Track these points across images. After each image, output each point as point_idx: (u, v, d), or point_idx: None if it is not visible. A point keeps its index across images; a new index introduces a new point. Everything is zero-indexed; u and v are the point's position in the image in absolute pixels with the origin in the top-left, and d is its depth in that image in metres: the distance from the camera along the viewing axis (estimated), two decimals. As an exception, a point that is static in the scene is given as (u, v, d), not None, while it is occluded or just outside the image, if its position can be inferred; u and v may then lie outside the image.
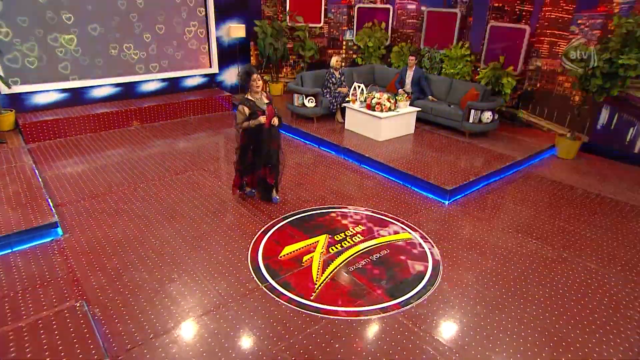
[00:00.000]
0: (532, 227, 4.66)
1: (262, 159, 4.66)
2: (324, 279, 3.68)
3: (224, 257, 3.93)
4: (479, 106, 7.01)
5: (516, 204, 5.22)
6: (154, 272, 3.66)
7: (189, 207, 4.83)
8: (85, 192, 5.11)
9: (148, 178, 5.56)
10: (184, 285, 3.51)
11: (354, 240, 4.32)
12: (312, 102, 7.67)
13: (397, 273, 3.82)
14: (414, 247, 4.23)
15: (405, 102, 7.23)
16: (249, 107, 4.40)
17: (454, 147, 6.74)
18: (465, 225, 4.69)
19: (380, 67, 9.17)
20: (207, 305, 3.30)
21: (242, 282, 3.59)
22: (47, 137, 6.79)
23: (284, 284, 3.61)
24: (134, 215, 4.60)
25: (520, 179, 5.99)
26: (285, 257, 3.99)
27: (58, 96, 7.32)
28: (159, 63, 8.41)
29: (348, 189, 5.47)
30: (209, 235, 4.29)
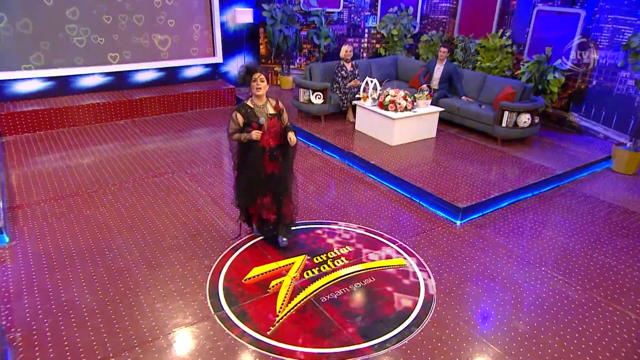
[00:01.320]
0: (562, 260, 4.27)
1: (258, 185, 3.98)
2: (289, 311, 3.49)
3: (181, 278, 3.82)
4: (514, 107, 6.59)
5: (547, 228, 4.83)
6: (97, 292, 3.59)
7: (157, 216, 4.77)
8: (49, 193, 5.16)
9: (122, 180, 5.56)
10: (127, 309, 3.42)
11: (336, 264, 4.10)
12: (319, 99, 7.49)
13: (378, 308, 3.57)
14: (406, 277, 3.96)
15: (425, 101, 6.91)
16: (244, 115, 3.77)
17: (481, 155, 6.37)
18: (476, 252, 4.36)
19: (405, 59, 8.86)
20: (146, 334, 3.18)
21: (193, 309, 3.46)
22: (26, 129, 6.96)
23: (240, 313, 3.45)
24: (94, 223, 4.58)
25: (559, 198, 5.56)
26: (250, 280, 3.83)
27: (41, 85, 7.50)
28: (156, 51, 8.46)
29: (344, 201, 5.26)
30: (172, 250, 4.19)
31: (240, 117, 3.77)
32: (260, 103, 3.81)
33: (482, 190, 5.31)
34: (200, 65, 9.10)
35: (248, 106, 3.80)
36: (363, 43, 10.08)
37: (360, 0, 9.80)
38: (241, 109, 3.79)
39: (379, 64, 8.66)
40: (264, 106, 3.82)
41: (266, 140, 3.84)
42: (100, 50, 7.84)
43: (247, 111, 3.78)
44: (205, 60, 9.12)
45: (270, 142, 3.87)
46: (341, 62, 7.59)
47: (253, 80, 3.72)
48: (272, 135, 3.85)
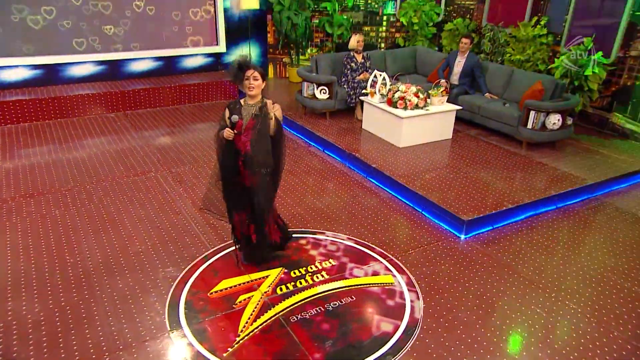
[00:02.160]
0: (579, 286, 4.02)
1: (232, 198, 3.80)
2: (252, 330, 3.41)
3: (142, 288, 3.79)
4: (542, 106, 6.32)
5: (567, 247, 4.58)
6: (47, 301, 3.60)
7: (130, 218, 4.77)
8: (20, 190, 5.24)
9: (101, 177, 5.60)
10: (76, 323, 3.40)
11: (315, 279, 3.99)
12: (324, 94, 7.39)
13: (352, 331, 3.44)
14: (392, 297, 3.82)
15: (441, 98, 6.71)
16: (231, 110, 3.62)
17: (500, 161, 6.14)
18: (477, 272, 4.17)
19: (425, 51, 8.66)
20: (90, 352, 3.15)
21: (148, 324, 3.42)
22: (9, 121, 7.13)
23: (198, 331, 3.38)
24: (61, 224, 4.62)
25: (587, 212, 5.29)
26: (217, 294, 3.77)
27: (29, 73, 7.66)
28: (153, 38, 8.50)
29: (337, 207, 5.14)
30: (137, 257, 4.18)
31: (228, 112, 3.62)
32: (252, 102, 3.61)
33: (495, 200, 5.09)
34: (202, 54, 9.14)
35: (238, 102, 3.67)
36: (381, 32, 9.91)
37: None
38: (231, 104, 3.68)
39: (395, 56, 8.48)
40: (254, 106, 3.61)
41: (243, 143, 3.60)
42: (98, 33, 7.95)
43: (234, 107, 3.63)
44: (207, 49, 9.14)
45: (247, 146, 3.60)
46: (351, 53, 7.47)
47: (245, 78, 3.53)
48: (249, 137, 3.58)
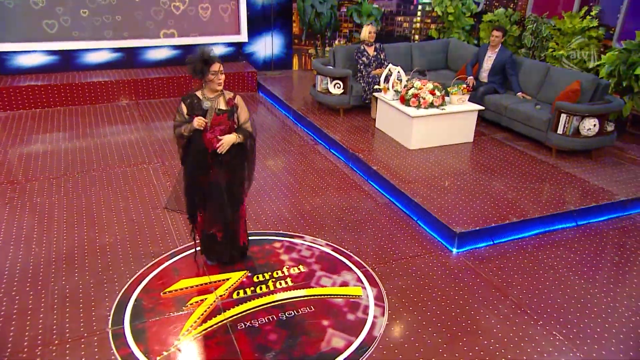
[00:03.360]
0: (582, 319, 3.76)
1: (197, 195, 3.80)
2: (194, 335, 3.45)
3: (96, 282, 3.93)
4: (574, 109, 5.97)
5: (579, 274, 4.28)
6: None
7: (108, 210, 4.95)
8: (10, 176, 5.56)
9: (92, 167, 5.85)
10: (20, 312, 3.57)
11: (277, 285, 3.98)
12: (338, 88, 7.34)
13: (299, 345, 3.41)
14: (354, 311, 3.74)
15: (461, 97, 6.50)
16: (189, 106, 3.61)
17: (521, 169, 5.86)
18: (459, 292, 4.01)
19: (458, 44, 8.40)
20: (24, 344, 3.30)
21: (90, 320, 3.53)
22: (22, 106, 7.59)
23: (138, 331, 3.46)
24: (38, 212, 4.87)
25: (614, 233, 4.93)
26: (170, 293, 3.84)
27: (44, 59, 8.12)
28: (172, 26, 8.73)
29: (326, 210, 5.10)
30: (102, 250, 4.33)
31: (185, 108, 3.61)
32: (212, 95, 3.62)
33: (501, 212, 4.87)
34: (222, 44, 9.31)
35: (196, 96, 3.63)
36: (415, 23, 9.70)
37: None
38: (187, 99, 3.63)
39: (424, 50, 8.28)
40: (215, 99, 3.63)
41: (209, 141, 3.64)
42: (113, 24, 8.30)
43: (192, 102, 3.61)
44: (228, 38, 9.30)
45: (213, 143, 3.65)
46: (361, 47, 7.37)
47: (212, 73, 3.50)
48: (216, 134, 3.63)
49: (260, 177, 5.72)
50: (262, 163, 6.14)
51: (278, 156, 6.43)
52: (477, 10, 9.00)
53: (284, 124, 7.64)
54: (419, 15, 9.61)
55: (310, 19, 9.03)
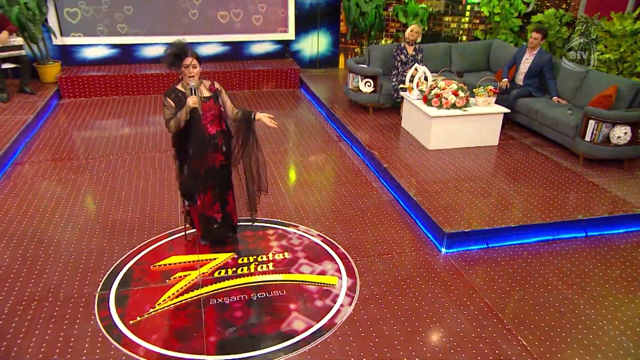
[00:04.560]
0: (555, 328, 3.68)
1: (197, 179, 4.04)
2: (168, 305, 3.72)
3: (99, 250, 4.33)
4: (603, 115, 5.66)
5: (567, 283, 4.11)
6: (14, 248, 4.30)
7: (128, 188, 5.39)
8: (57, 154, 6.18)
9: (128, 150, 6.35)
10: (28, 274, 4.02)
11: (258, 269, 4.17)
12: (369, 87, 7.41)
13: (261, 323, 3.58)
14: (323, 298, 3.86)
15: (487, 99, 6.36)
16: (174, 100, 3.79)
17: (541, 175, 5.66)
18: (434, 291, 3.99)
19: (502, 45, 8.15)
20: (24, 298, 3.73)
21: (83, 284, 3.92)
22: (83, 94, 8.33)
23: (121, 297, 3.79)
24: (68, 185, 5.40)
25: (625, 247, 4.64)
26: (159, 267, 4.16)
27: (107, 52, 8.84)
28: (223, 23, 9.17)
29: (328, 204, 5.22)
30: (114, 222, 4.75)
31: (172, 101, 3.78)
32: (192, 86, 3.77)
33: (502, 216, 4.76)
34: (269, 41, 9.63)
35: (178, 90, 3.81)
36: (463, 24, 9.50)
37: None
38: (171, 93, 3.80)
39: (464, 51, 8.11)
40: (197, 88, 3.81)
41: (203, 127, 3.88)
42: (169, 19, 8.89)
43: (177, 96, 3.79)
44: (275, 36, 9.61)
45: (208, 129, 3.90)
46: (402, 44, 7.37)
47: (184, 67, 3.67)
48: (209, 120, 3.88)
49: (275, 167, 5.93)
50: (281, 155, 6.36)
51: (299, 150, 6.61)
52: (527, 10, 8.66)
53: (316, 120, 7.81)
54: (467, 15, 9.40)
55: (355, 17, 9.12)
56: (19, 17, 7.77)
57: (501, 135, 6.62)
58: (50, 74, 8.34)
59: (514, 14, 8.58)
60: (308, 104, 8.57)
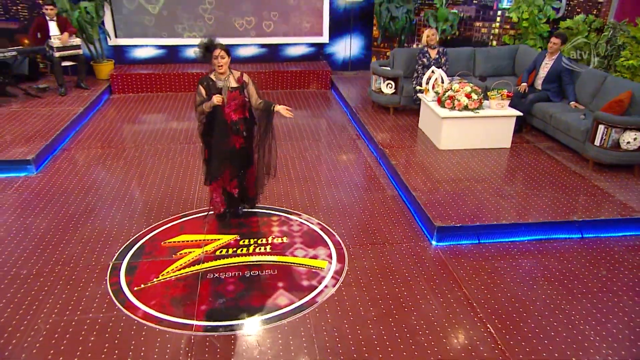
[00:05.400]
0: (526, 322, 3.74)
1: (220, 160, 4.42)
2: (170, 277, 4.06)
3: (121, 226, 4.74)
4: (612, 120, 5.56)
5: (551, 281, 4.14)
6: (55, 214, 4.78)
7: (152, 173, 5.83)
8: (99, 142, 6.72)
9: (161, 141, 6.80)
10: (58, 244, 4.48)
11: (257, 250, 4.45)
12: (390, 88, 7.54)
13: (249, 297, 3.85)
14: (310, 279, 4.08)
15: (500, 102, 6.36)
16: (205, 88, 4.20)
17: (547, 178, 5.63)
18: (417, 280, 4.11)
19: (526, 50, 8.06)
20: (50, 263, 4.18)
21: (101, 254, 4.32)
22: (132, 90, 8.92)
23: (131, 267, 4.17)
24: (108, 169, 5.89)
25: (620, 250, 4.56)
26: (168, 244, 4.51)
27: (155, 52, 9.42)
28: (262, 26, 9.56)
29: (333, 196, 5.42)
30: (137, 202, 5.16)
31: (203, 89, 4.20)
32: (222, 76, 4.23)
33: (496, 214, 4.81)
34: (305, 44, 9.92)
35: (210, 79, 4.24)
36: (494, 29, 9.42)
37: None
38: (203, 81, 4.23)
39: (488, 55, 8.08)
40: (226, 79, 4.23)
41: (227, 114, 4.28)
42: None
43: (208, 84, 4.20)
44: (310, 39, 9.89)
45: (232, 116, 4.31)
46: (424, 49, 7.45)
47: (214, 58, 4.11)
48: (232, 108, 4.28)
49: (291, 160, 6.21)
50: (299, 150, 6.62)
51: (317, 145, 6.84)
52: (557, 16, 8.49)
53: (340, 119, 8.02)
54: (497, 21, 9.30)
55: (385, 22, 9.24)
56: (79, 19, 8.44)
57: (517, 138, 6.60)
58: (104, 71, 8.99)
59: (542, 19, 8.43)
60: (336, 104, 8.79)
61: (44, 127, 6.66)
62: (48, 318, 3.57)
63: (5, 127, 6.70)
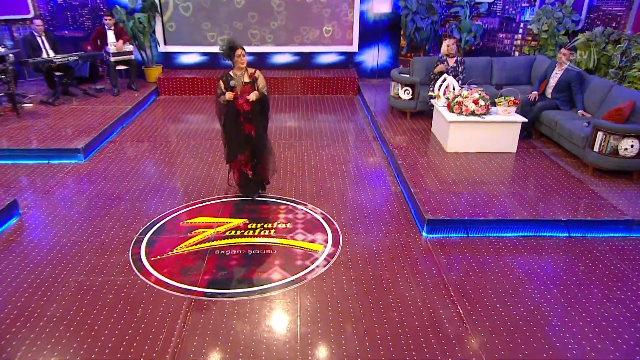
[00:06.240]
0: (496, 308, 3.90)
1: (235, 144, 5.01)
2: (183, 251, 4.49)
3: (147, 207, 5.23)
4: (609, 128, 5.59)
5: (530, 276, 4.28)
6: (84, 200, 5.35)
7: (181, 164, 6.31)
8: (146, 137, 7.32)
9: (197, 138, 7.33)
10: (94, 219, 5.03)
11: (262, 233, 4.82)
12: (407, 94, 7.77)
13: (247, 271, 4.21)
14: (305, 259, 4.40)
15: (507, 108, 6.47)
16: (224, 81, 4.79)
17: (544, 180, 5.71)
18: (401, 266, 4.33)
19: (543, 60, 8.06)
20: (83, 237, 4.72)
21: (129, 229, 4.82)
22: (176, 92, 9.57)
23: (151, 241, 4.63)
24: (137, 160, 6.44)
25: (604, 250, 4.60)
26: (186, 224, 4.96)
27: (198, 59, 10.05)
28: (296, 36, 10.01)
29: (339, 189, 5.71)
30: (167, 188, 5.66)
31: (222, 83, 4.83)
32: (239, 73, 4.85)
33: (486, 209, 4.97)
34: (335, 52, 10.28)
35: (229, 75, 4.85)
36: (516, 40, 9.43)
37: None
38: (223, 76, 4.86)
39: (505, 65, 8.14)
40: (242, 75, 4.85)
41: (240, 105, 4.85)
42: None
43: (226, 78, 4.84)
44: (341, 48, 10.24)
45: (244, 106, 4.86)
46: (443, 57, 7.63)
47: (237, 56, 4.73)
48: (245, 100, 4.83)
49: (307, 157, 6.56)
50: (317, 148, 6.96)
51: (334, 145, 7.14)
52: (576, 28, 8.43)
53: (361, 122, 8.29)
54: (520, 32, 9.32)
55: (411, 33, 9.45)
56: (133, 29, 9.16)
57: (525, 144, 6.68)
58: (153, 75, 9.68)
59: (561, 31, 8.40)
60: (359, 109, 9.07)
61: (96, 122, 7.33)
62: (78, 277, 4.07)
63: (66, 121, 7.43)
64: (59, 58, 8.09)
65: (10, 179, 5.80)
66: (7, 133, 6.85)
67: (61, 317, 3.62)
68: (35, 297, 3.83)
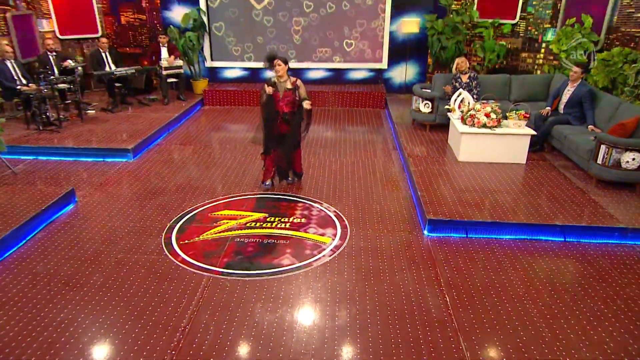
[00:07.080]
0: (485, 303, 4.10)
1: (271, 140, 5.67)
2: (208, 237, 4.94)
3: (181, 200, 5.72)
4: (612, 141, 5.63)
5: (522, 278, 4.42)
6: (137, 190, 5.91)
7: (216, 164, 6.79)
8: (189, 141, 7.91)
9: (234, 144, 7.85)
10: (132, 211, 5.58)
11: (279, 226, 5.20)
12: (427, 107, 8.01)
13: (262, 257, 4.59)
14: (313, 250, 4.74)
15: (517, 122, 6.61)
16: (269, 85, 5.42)
17: (548, 190, 5.79)
18: (400, 262, 4.57)
19: (560, 78, 8.08)
20: (128, 226, 5.26)
21: (164, 217, 5.31)
22: (219, 103, 10.19)
23: (182, 228, 5.10)
24: (179, 160, 6.99)
25: (597, 256, 4.66)
26: (213, 215, 5.41)
27: (240, 73, 10.67)
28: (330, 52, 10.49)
29: (355, 191, 6.01)
30: (200, 185, 6.16)
31: (266, 87, 5.44)
32: (282, 80, 5.49)
33: (485, 212, 5.14)
34: (365, 69, 10.63)
35: (272, 80, 5.48)
36: (538, 59, 9.47)
37: (541, 11, 9.27)
38: (268, 81, 5.47)
39: (523, 82, 8.23)
40: (284, 82, 5.50)
41: (280, 107, 5.52)
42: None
43: (271, 83, 5.46)
44: (371, 65, 10.59)
45: (284, 109, 5.54)
46: (457, 74, 7.84)
47: (273, 66, 5.41)
48: (285, 103, 5.49)
49: (328, 163, 6.92)
50: (339, 155, 7.29)
51: (355, 153, 7.45)
52: (596, 49, 8.40)
53: (384, 133, 8.58)
54: (542, 52, 9.36)
55: (436, 51, 9.67)
56: (183, 45, 9.87)
57: (536, 156, 6.77)
58: (200, 87, 10.35)
59: (580, 51, 8.39)
60: (385, 121, 9.35)
61: (146, 127, 7.99)
62: (118, 254, 4.58)
63: (122, 125, 8.13)
64: (118, 71, 8.85)
65: (71, 172, 6.48)
66: (72, 135, 7.59)
67: (101, 285, 4.12)
68: (82, 268, 4.35)
